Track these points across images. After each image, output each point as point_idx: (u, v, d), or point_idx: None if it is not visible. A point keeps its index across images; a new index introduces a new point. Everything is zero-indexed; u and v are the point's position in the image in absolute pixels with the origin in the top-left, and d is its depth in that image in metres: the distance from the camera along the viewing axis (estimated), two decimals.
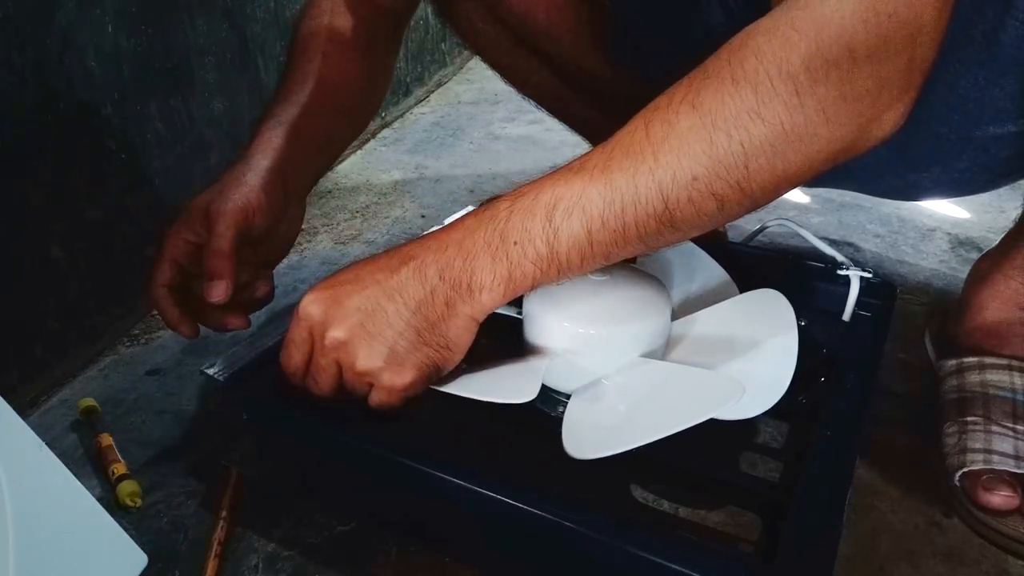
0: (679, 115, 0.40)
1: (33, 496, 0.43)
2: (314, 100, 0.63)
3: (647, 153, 0.41)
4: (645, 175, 0.41)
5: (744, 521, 0.53)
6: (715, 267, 0.63)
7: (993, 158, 0.56)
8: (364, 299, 0.46)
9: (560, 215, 0.42)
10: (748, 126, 0.39)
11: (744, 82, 0.39)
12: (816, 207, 1.05)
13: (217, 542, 0.52)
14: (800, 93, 0.39)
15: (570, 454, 0.45)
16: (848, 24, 0.38)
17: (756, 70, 0.39)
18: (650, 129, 0.41)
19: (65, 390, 0.70)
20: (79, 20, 0.68)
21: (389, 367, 0.46)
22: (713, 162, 0.40)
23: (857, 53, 0.38)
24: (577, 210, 0.42)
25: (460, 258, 0.44)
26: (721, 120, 0.39)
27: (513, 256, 0.43)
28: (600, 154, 0.42)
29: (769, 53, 0.39)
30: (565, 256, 0.43)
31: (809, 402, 0.55)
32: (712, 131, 0.39)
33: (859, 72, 0.39)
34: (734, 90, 0.39)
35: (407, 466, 0.46)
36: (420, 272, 0.45)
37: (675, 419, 0.44)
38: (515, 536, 0.46)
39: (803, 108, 0.39)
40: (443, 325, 0.46)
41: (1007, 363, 0.59)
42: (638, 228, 0.42)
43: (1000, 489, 0.53)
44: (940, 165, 0.60)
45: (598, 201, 0.41)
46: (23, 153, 0.65)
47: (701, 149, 0.40)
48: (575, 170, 0.43)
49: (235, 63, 0.92)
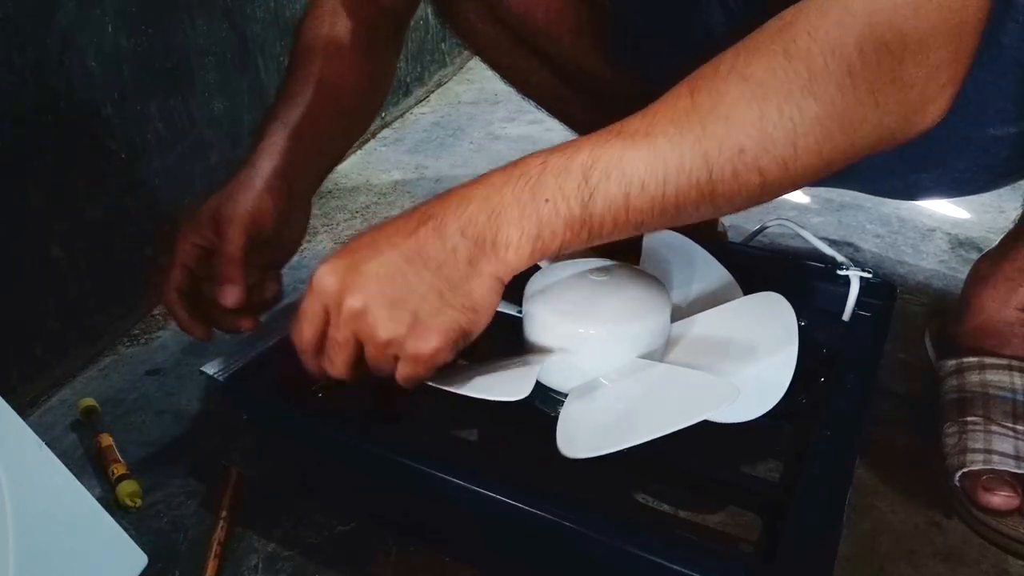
0: (728, 84, 0.39)
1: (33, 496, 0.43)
2: (317, 102, 0.63)
3: (694, 120, 0.39)
4: (691, 143, 0.39)
5: (744, 521, 0.53)
6: (719, 268, 0.63)
7: (993, 159, 0.56)
8: (381, 264, 0.43)
9: (598, 175, 0.40)
10: (800, 102, 0.38)
11: (797, 58, 0.38)
12: (816, 207, 1.05)
13: (217, 542, 0.52)
14: (853, 74, 0.38)
15: (563, 453, 0.45)
16: (901, 11, 0.38)
17: (809, 48, 0.38)
18: (696, 97, 0.40)
19: (65, 390, 0.70)
20: (79, 20, 0.68)
21: (413, 333, 0.44)
22: (762, 136, 0.39)
23: (908, 40, 0.38)
24: (616, 172, 0.40)
25: (484, 213, 0.42)
26: (773, 93, 0.38)
27: (544, 214, 0.41)
28: (641, 120, 0.41)
29: (823, 31, 0.38)
30: (599, 219, 0.41)
31: (809, 402, 0.55)
32: (763, 103, 0.38)
33: (909, 59, 0.38)
34: (787, 64, 0.38)
35: (407, 466, 0.46)
36: (440, 231, 0.43)
37: (669, 420, 0.44)
38: (515, 536, 0.46)
39: (855, 90, 0.38)
40: (467, 285, 0.43)
41: (1007, 363, 0.59)
42: (678, 197, 0.40)
43: (1000, 489, 0.53)
44: (941, 166, 0.60)
45: (640, 165, 0.40)
46: (23, 153, 0.65)
47: (751, 120, 0.39)
48: (615, 132, 0.41)
49: (235, 63, 0.92)
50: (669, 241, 0.66)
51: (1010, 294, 0.61)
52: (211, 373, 0.54)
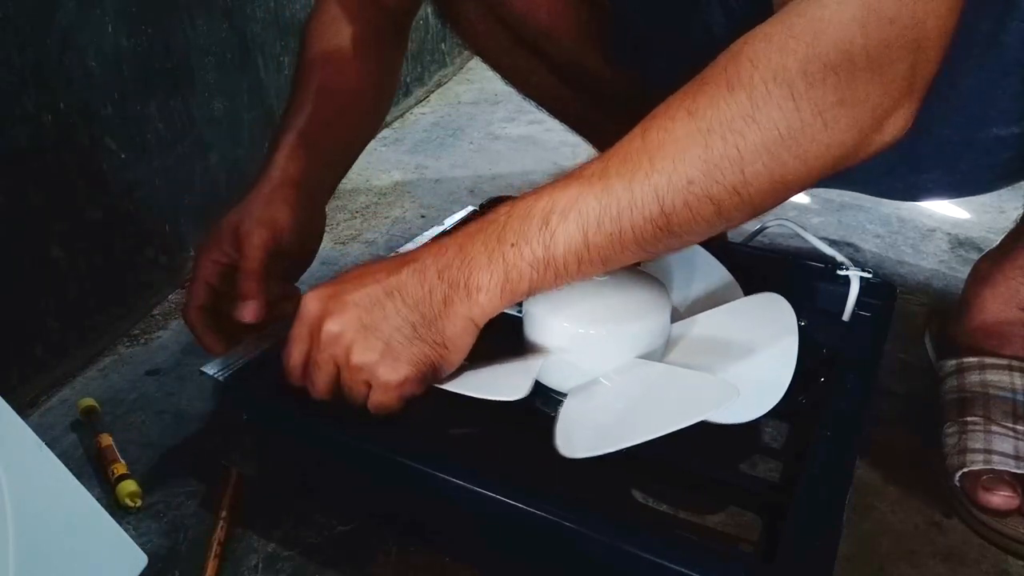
0: (675, 121, 0.41)
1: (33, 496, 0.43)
2: (328, 110, 0.63)
3: (643, 159, 0.41)
4: (641, 180, 0.41)
5: (744, 521, 0.53)
6: (720, 268, 0.63)
7: (995, 159, 0.56)
8: (363, 295, 0.46)
9: (556, 218, 0.43)
10: (743, 130, 0.39)
11: (739, 87, 0.39)
12: (816, 207, 1.05)
13: (217, 542, 0.52)
14: (796, 97, 0.39)
15: (561, 453, 0.45)
16: (847, 29, 0.38)
17: (751, 76, 0.39)
18: (647, 136, 0.42)
19: (65, 390, 0.70)
20: (79, 20, 0.68)
21: (384, 361, 0.46)
22: (709, 166, 0.40)
23: (856, 58, 0.38)
24: (573, 213, 0.42)
25: (459, 259, 0.45)
26: (716, 124, 0.40)
27: (509, 258, 0.44)
28: (598, 163, 0.43)
29: (765, 58, 0.39)
30: (562, 260, 0.43)
31: (809, 402, 0.55)
32: (707, 135, 0.40)
33: (858, 77, 0.39)
34: (729, 95, 0.39)
35: (407, 466, 0.46)
36: (420, 272, 0.46)
37: (667, 420, 0.44)
38: (515, 536, 0.46)
39: (799, 112, 0.39)
40: (440, 322, 0.46)
41: (1007, 363, 0.59)
42: (635, 232, 0.42)
43: (1000, 489, 0.53)
44: (942, 166, 0.60)
45: (595, 205, 0.42)
46: (23, 153, 0.65)
47: (696, 153, 0.40)
48: (573, 177, 0.43)
49: (235, 63, 0.92)
50: None
51: (1011, 294, 0.61)
52: (211, 373, 0.54)
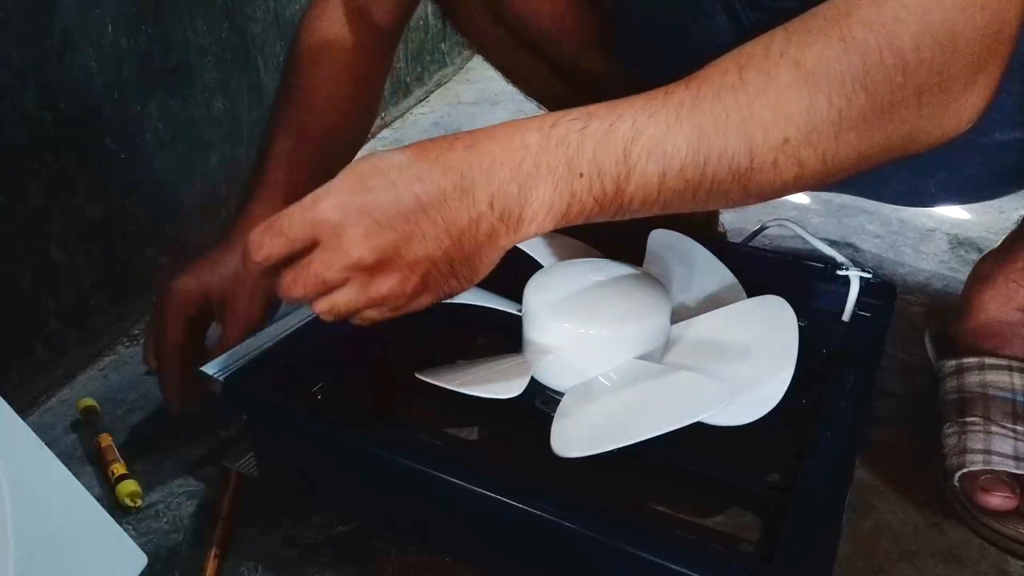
0: (780, 68, 0.38)
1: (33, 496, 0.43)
2: (311, 132, 0.63)
3: (742, 102, 0.38)
4: (736, 127, 0.38)
5: (744, 521, 0.53)
6: (722, 269, 0.63)
7: (999, 164, 0.56)
8: (397, 213, 0.39)
9: (638, 153, 0.38)
10: (851, 95, 0.37)
11: (854, 48, 0.37)
12: (816, 207, 1.05)
13: (217, 542, 0.52)
14: (906, 72, 0.37)
15: (556, 452, 0.46)
16: (951, 11, 0.37)
17: (866, 39, 0.37)
18: (745, 76, 0.38)
19: (65, 390, 0.70)
20: (79, 20, 0.68)
21: (414, 298, 0.42)
22: (808, 127, 0.38)
23: (958, 41, 0.37)
24: (658, 152, 0.38)
25: (516, 183, 0.39)
26: (825, 82, 0.37)
27: (577, 190, 0.39)
28: (686, 91, 0.39)
29: (879, 25, 0.37)
30: (629, 198, 0.39)
31: (809, 402, 0.55)
32: (814, 93, 0.37)
33: (957, 62, 0.37)
34: (843, 54, 0.37)
35: (407, 466, 0.46)
36: (467, 194, 0.39)
37: (662, 421, 0.44)
38: (515, 536, 0.46)
39: (904, 88, 0.37)
40: (478, 257, 0.41)
41: (1007, 363, 0.59)
42: (714, 183, 0.39)
43: (998, 490, 0.53)
44: (946, 170, 0.59)
45: (682, 145, 0.38)
46: (23, 153, 0.65)
47: (800, 110, 0.37)
48: (659, 102, 0.38)
49: (235, 63, 0.92)
50: (671, 241, 0.66)
51: (1011, 295, 0.61)
52: (211, 373, 0.54)
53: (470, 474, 0.45)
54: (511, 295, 0.57)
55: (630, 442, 0.44)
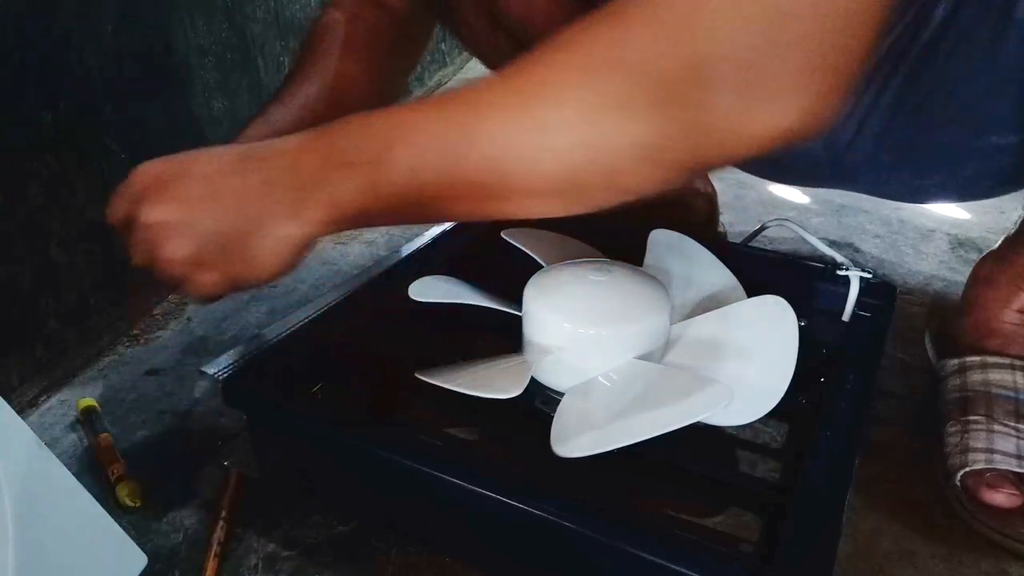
0: (545, 90, 0.38)
1: (33, 496, 0.43)
2: (309, 101, 0.62)
3: (494, 129, 0.39)
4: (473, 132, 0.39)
5: (744, 521, 0.53)
6: (722, 269, 0.63)
7: (996, 166, 0.56)
8: (190, 187, 0.44)
9: (401, 146, 0.40)
10: (614, 123, 0.37)
11: (603, 71, 0.37)
12: (816, 208, 1.05)
13: (217, 542, 0.52)
14: (648, 103, 0.37)
15: (556, 452, 0.46)
16: (729, 31, 0.35)
17: (618, 64, 0.37)
18: (502, 96, 0.39)
19: (65, 390, 0.70)
20: (79, 20, 0.68)
21: (189, 265, 0.45)
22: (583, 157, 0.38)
23: (729, 63, 0.36)
24: (418, 162, 0.40)
25: (290, 174, 0.43)
26: (589, 107, 0.37)
27: (347, 174, 0.42)
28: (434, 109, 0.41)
29: (633, 50, 0.37)
30: (386, 195, 0.41)
31: (809, 402, 0.55)
32: (577, 122, 0.37)
33: (726, 83, 0.36)
34: (588, 80, 0.37)
35: (407, 466, 0.46)
36: (243, 176, 0.44)
37: (661, 422, 0.44)
38: (515, 536, 0.46)
39: (658, 116, 0.37)
40: (248, 240, 0.44)
41: (1010, 362, 0.59)
42: (452, 188, 0.40)
43: (1004, 487, 0.53)
44: (943, 172, 0.60)
45: (436, 136, 0.40)
46: (23, 153, 0.65)
47: (564, 144, 0.38)
48: (434, 123, 0.40)
49: (235, 63, 0.92)
50: (671, 241, 0.66)
51: (1011, 298, 0.62)
52: (211, 373, 0.54)
53: (470, 474, 0.45)
54: (511, 295, 0.57)
55: (630, 442, 0.44)
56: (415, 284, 0.60)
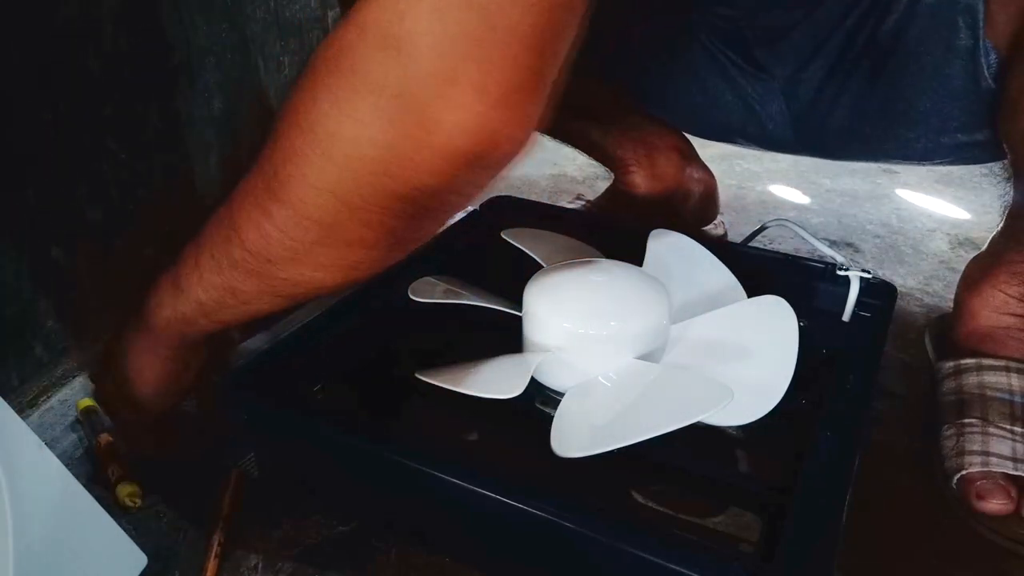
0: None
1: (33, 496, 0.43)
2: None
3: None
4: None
5: (744, 521, 0.53)
6: (723, 270, 0.63)
7: (968, 155, 0.60)
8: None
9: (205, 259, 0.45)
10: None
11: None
12: (816, 208, 1.05)
13: (217, 542, 0.52)
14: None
15: (556, 452, 0.46)
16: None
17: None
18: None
19: (65, 390, 0.70)
20: (79, 20, 0.68)
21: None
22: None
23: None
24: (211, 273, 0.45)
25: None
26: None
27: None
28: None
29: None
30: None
31: (809, 402, 0.55)
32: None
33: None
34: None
35: (407, 466, 0.46)
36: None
37: (661, 422, 0.44)
38: (515, 536, 0.46)
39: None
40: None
41: (1004, 364, 0.59)
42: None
43: (995, 497, 0.53)
44: (918, 160, 0.64)
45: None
46: (23, 153, 0.65)
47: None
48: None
49: (235, 63, 0.92)
50: (671, 241, 0.66)
51: (1001, 303, 0.62)
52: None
53: (470, 474, 0.45)
54: (511, 295, 0.57)
55: (630, 442, 0.44)
56: (415, 284, 0.60)
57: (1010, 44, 0.51)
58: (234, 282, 0.44)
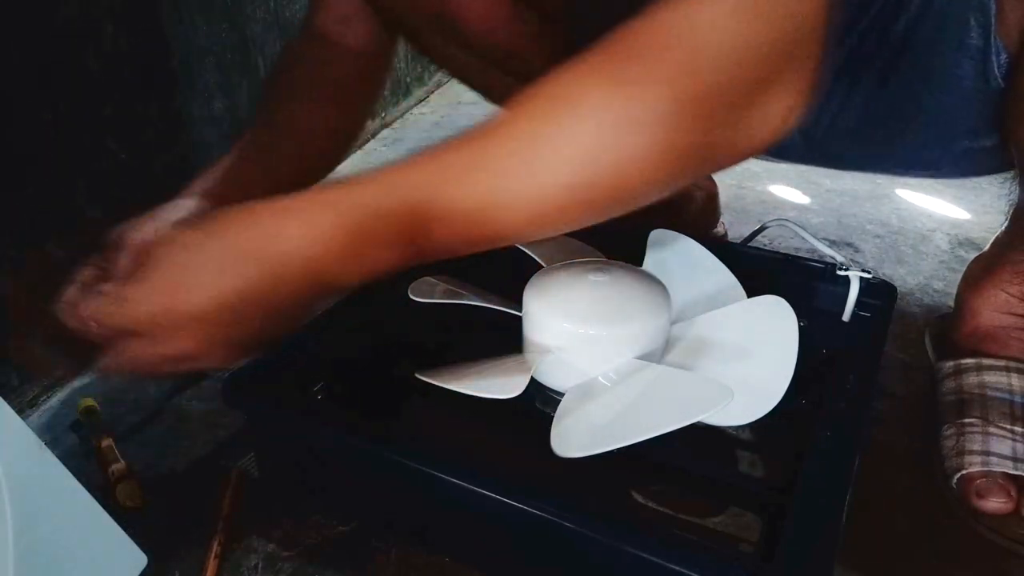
0: (574, 112, 0.39)
1: (33, 496, 0.43)
2: (263, 144, 0.63)
3: (528, 158, 0.40)
4: (523, 181, 0.40)
5: (744, 521, 0.53)
6: (723, 269, 0.63)
7: (973, 162, 0.60)
8: (213, 312, 0.41)
9: (432, 221, 0.41)
10: (641, 136, 0.38)
11: (650, 88, 0.38)
12: (816, 208, 1.05)
13: (217, 542, 0.52)
14: (702, 100, 0.38)
15: (556, 452, 0.46)
16: (728, 31, 0.37)
17: (661, 76, 0.38)
18: (536, 125, 0.40)
19: (65, 390, 0.70)
20: (79, 20, 0.68)
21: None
22: (594, 174, 0.39)
23: (742, 59, 0.38)
24: (448, 219, 0.41)
25: (329, 264, 0.42)
26: (606, 126, 0.38)
27: (380, 256, 0.43)
28: (480, 145, 0.41)
29: (676, 58, 0.38)
30: (429, 250, 0.42)
31: (809, 402, 0.55)
32: (604, 138, 0.39)
33: (742, 78, 0.38)
34: (639, 96, 0.38)
35: (407, 466, 0.46)
36: (282, 283, 0.42)
37: (661, 422, 0.44)
38: (515, 536, 0.46)
39: (684, 117, 0.38)
40: (279, 315, 0.43)
41: (1004, 364, 0.59)
42: (502, 230, 0.42)
43: (994, 495, 0.53)
44: (920, 165, 0.63)
45: (472, 208, 0.41)
46: (23, 153, 0.65)
47: (588, 159, 0.39)
48: (453, 167, 0.41)
49: (235, 63, 0.92)
50: (671, 241, 0.66)
51: (1002, 302, 0.62)
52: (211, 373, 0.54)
53: (470, 474, 0.45)
54: (511, 295, 0.57)
55: (630, 442, 0.44)
56: (415, 284, 0.60)
57: (1020, 43, 0.51)
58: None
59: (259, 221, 0.42)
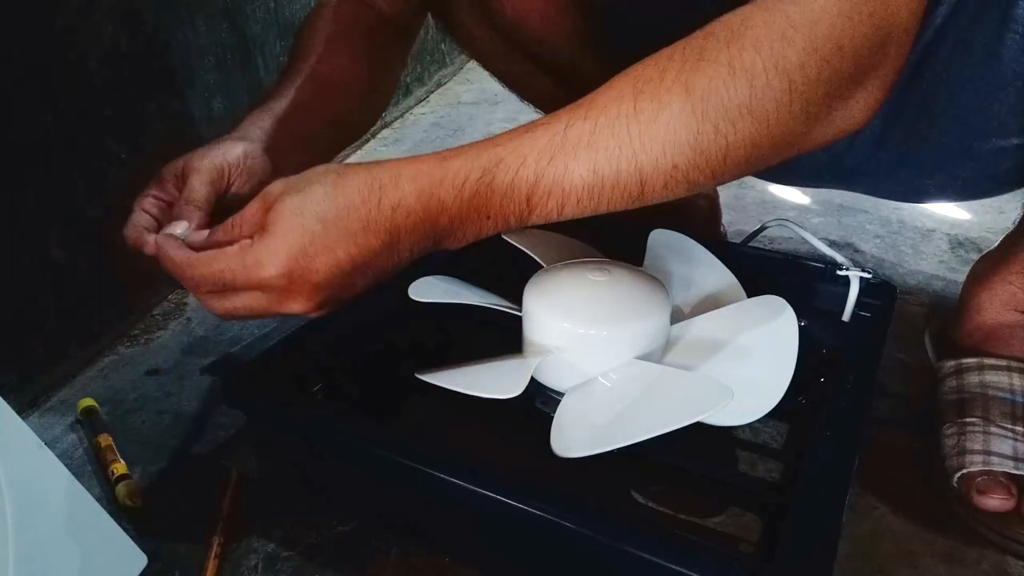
0: (671, 95, 0.40)
1: (33, 496, 0.43)
2: (306, 94, 0.62)
3: (634, 134, 0.41)
4: (629, 159, 0.41)
5: (744, 521, 0.53)
6: (723, 269, 0.63)
7: (996, 168, 0.57)
8: (340, 278, 0.43)
9: (539, 196, 0.42)
10: (737, 121, 0.39)
11: (741, 73, 0.39)
12: (816, 208, 1.05)
13: (217, 542, 0.52)
14: (792, 91, 0.39)
15: (556, 452, 0.46)
16: (837, 22, 0.38)
17: (754, 62, 0.39)
18: (638, 104, 0.41)
19: (65, 390, 0.70)
20: (79, 20, 0.68)
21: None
22: (696, 154, 0.40)
23: (845, 52, 0.39)
24: (557, 191, 0.42)
25: (433, 238, 0.44)
26: (712, 110, 0.39)
27: (484, 229, 0.44)
28: (584, 123, 0.41)
29: (767, 46, 0.39)
30: (531, 224, 0.44)
31: (809, 402, 0.55)
32: (701, 121, 0.40)
33: (844, 72, 0.39)
34: (731, 80, 0.39)
35: (407, 466, 0.46)
36: (393, 250, 0.44)
37: (662, 422, 0.44)
38: (515, 536, 0.46)
39: (791, 107, 0.39)
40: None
41: (1006, 364, 0.59)
42: (609, 206, 0.43)
43: (995, 492, 0.53)
44: (943, 172, 0.60)
45: (579, 184, 0.42)
46: (23, 153, 0.65)
47: (687, 139, 0.40)
48: (559, 140, 0.42)
49: (235, 63, 0.92)
50: (671, 241, 0.66)
51: (1008, 297, 0.61)
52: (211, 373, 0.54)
53: (470, 474, 0.45)
54: (511, 295, 0.57)
55: (630, 442, 0.44)
56: (415, 284, 0.60)
57: None
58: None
59: (381, 189, 0.43)
